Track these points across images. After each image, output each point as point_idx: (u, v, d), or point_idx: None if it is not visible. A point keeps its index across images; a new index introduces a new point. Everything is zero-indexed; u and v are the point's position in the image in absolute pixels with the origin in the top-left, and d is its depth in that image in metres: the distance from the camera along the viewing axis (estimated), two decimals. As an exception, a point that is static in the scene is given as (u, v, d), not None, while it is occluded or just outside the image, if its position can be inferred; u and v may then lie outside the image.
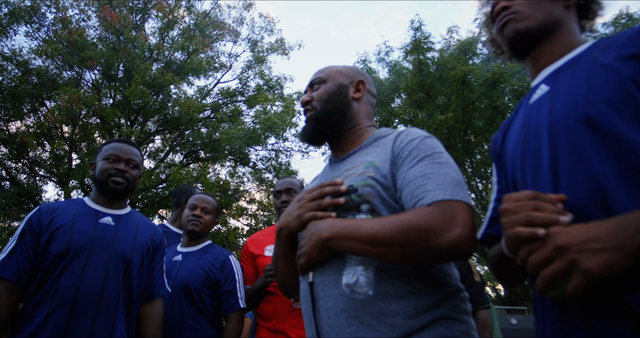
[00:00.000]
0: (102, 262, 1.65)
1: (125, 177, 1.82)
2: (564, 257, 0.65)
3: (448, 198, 0.92)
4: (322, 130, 1.23)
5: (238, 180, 15.49)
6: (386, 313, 0.94)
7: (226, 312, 2.18)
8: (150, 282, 1.85)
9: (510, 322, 8.47)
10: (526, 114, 0.96)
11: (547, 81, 0.94)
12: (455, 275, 1.07)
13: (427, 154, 1.03)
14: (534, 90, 0.97)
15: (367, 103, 1.30)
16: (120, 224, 1.79)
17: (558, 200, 0.75)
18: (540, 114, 0.90)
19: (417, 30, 12.49)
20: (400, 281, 0.97)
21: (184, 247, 2.35)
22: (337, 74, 1.29)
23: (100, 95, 12.47)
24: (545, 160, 0.84)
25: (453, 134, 12.56)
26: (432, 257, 0.89)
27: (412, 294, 0.96)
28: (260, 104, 14.08)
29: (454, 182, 0.97)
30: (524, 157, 0.92)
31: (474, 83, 11.59)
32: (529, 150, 0.91)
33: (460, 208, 0.91)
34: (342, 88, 1.26)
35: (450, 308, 0.98)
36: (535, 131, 0.90)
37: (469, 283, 2.59)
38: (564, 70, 0.91)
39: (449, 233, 0.87)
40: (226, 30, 14.38)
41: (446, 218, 0.89)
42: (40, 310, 1.54)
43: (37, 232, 1.66)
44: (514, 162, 0.97)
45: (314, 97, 1.25)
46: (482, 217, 12.88)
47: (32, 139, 11.66)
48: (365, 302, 0.96)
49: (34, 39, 12.33)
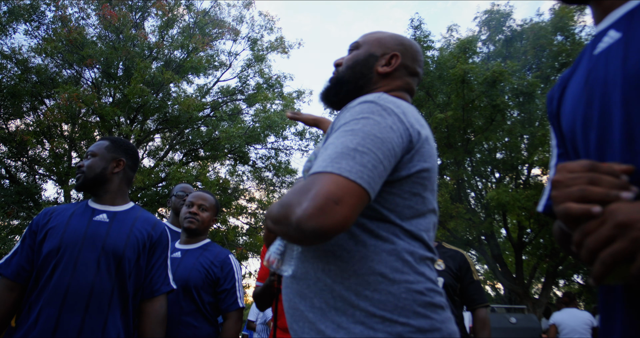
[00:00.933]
0: (92, 258, 1.64)
1: (80, 171, 1.81)
2: (626, 235, 0.55)
3: (319, 170, 0.80)
4: (330, 95, 1.19)
5: (238, 178, 15.50)
6: (305, 295, 0.91)
7: (225, 311, 2.17)
8: (150, 279, 1.81)
9: (510, 321, 8.48)
10: (590, 66, 0.79)
11: (618, 26, 0.76)
12: (393, 262, 0.88)
13: (345, 122, 0.90)
14: (600, 38, 0.79)
15: (398, 79, 1.16)
16: (115, 220, 1.77)
17: (622, 171, 0.62)
18: (610, 66, 0.74)
19: (416, 29, 12.48)
20: (319, 262, 0.91)
21: (182, 244, 2.33)
22: (374, 42, 1.19)
23: (99, 94, 12.46)
24: (617, 122, 0.70)
25: (453, 132, 12.55)
26: (295, 235, 0.79)
27: (328, 277, 0.89)
28: (260, 102, 14.07)
29: (343, 151, 0.82)
30: (586, 119, 0.77)
31: (474, 82, 11.58)
32: (593, 110, 0.75)
33: (323, 180, 0.78)
34: (370, 58, 1.16)
35: (374, 304, 0.84)
36: (603, 87, 0.74)
37: (468, 282, 2.59)
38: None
39: (297, 208, 0.77)
40: (226, 29, 14.35)
41: (301, 192, 0.79)
42: (34, 309, 1.55)
43: (35, 232, 1.70)
44: (573, 124, 0.82)
45: (344, 61, 1.20)
46: (481, 215, 12.91)
47: (31, 137, 11.63)
48: (292, 281, 0.95)
49: (33, 37, 12.33)
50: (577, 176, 0.63)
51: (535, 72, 13.27)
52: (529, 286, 14.42)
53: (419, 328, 0.82)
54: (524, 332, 8.23)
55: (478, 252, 14.94)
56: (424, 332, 0.82)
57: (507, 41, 15.75)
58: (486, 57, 15.81)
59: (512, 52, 15.21)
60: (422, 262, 0.92)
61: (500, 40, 16.11)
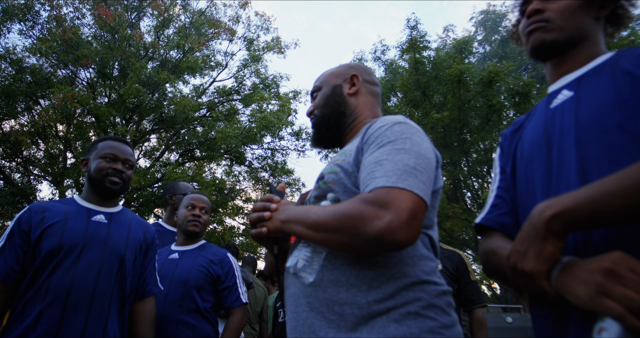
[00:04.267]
0: (95, 259, 1.63)
1: (122, 178, 1.82)
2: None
3: (389, 185, 0.87)
4: (322, 133, 1.27)
5: (234, 179, 15.46)
6: (334, 301, 0.92)
7: (229, 308, 2.18)
8: (143, 280, 1.84)
9: (506, 321, 8.49)
10: (547, 117, 0.96)
11: (570, 87, 0.95)
12: (425, 266, 0.97)
13: (390, 140, 0.98)
14: (555, 95, 0.98)
15: (367, 93, 1.31)
16: (113, 222, 1.78)
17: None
18: (565, 117, 0.90)
19: (413, 29, 12.49)
20: (351, 269, 0.94)
21: (179, 246, 2.33)
22: (330, 76, 1.33)
23: (95, 94, 12.39)
24: (572, 163, 0.85)
25: (449, 132, 12.58)
26: (364, 245, 0.85)
27: (363, 283, 0.92)
28: (256, 102, 14.04)
29: (405, 168, 0.90)
30: (546, 161, 0.92)
31: (470, 82, 11.61)
32: (551, 153, 0.90)
33: (399, 195, 0.85)
34: (336, 88, 1.29)
35: (408, 302, 0.90)
36: (559, 135, 0.90)
37: (465, 282, 2.59)
38: (587, 77, 0.93)
39: (377, 221, 0.82)
40: (222, 29, 14.31)
41: (378, 205, 0.84)
42: (31, 309, 1.52)
43: (27, 231, 1.64)
44: (529, 163, 0.97)
45: (315, 105, 1.31)
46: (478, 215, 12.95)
47: (26, 137, 11.56)
48: (316, 288, 0.96)
49: (27, 37, 12.23)
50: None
51: (531, 73, 13.33)
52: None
53: (444, 324, 0.91)
54: (520, 332, 8.25)
55: (474, 252, 14.98)
56: (447, 328, 0.91)
57: (503, 41, 15.82)
58: (482, 57, 15.87)
59: (508, 52, 15.27)
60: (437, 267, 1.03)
61: (496, 40, 16.18)
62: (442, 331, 0.89)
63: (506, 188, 1.07)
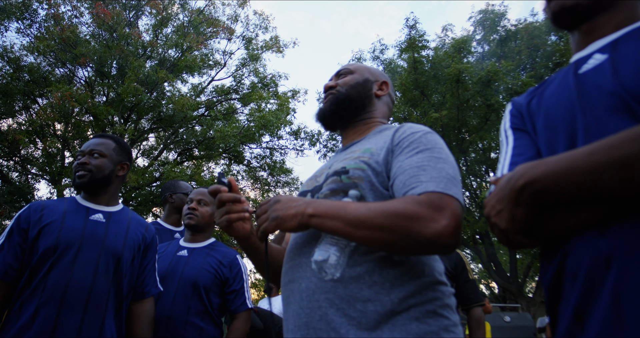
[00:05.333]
0: (92, 258, 1.63)
1: (86, 169, 1.76)
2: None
3: (439, 190, 0.90)
4: (339, 110, 1.27)
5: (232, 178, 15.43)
6: (357, 298, 0.92)
7: (234, 312, 2.16)
8: (142, 281, 1.83)
9: (504, 320, 8.52)
10: (578, 82, 0.88)
11: (603, 50, 0.87)
12: (437, 267, 1.02)
13: (427, 147, 1.02)
14: (584, 61, 0.90)
15: (386, 104, 1.35)
16: (112, 221, 1.77)
17: None
18: (602, 81, 0.82)
19: (412, 28, 12.49)
20: (375, 266, 0.95)
21: (188, 242, 2.31)
22: (365, 70, 1.35)
23: (93, 93, 12.36)
24: (611, 128, 0.76)
25: (447, 132, 12.59)
26: (413, 245, 0.86)
27: (387, 281, 0.93)
28: (254, 101, 14.02)
29: (449, 177, 0.95)
30: (575, 127, 0.83)
31: (469, 81, 11.62)
32: (587, 118, 0.82)
33: (450, 202, 0.89)
34: (367, 82, 1.31)
35: (428, 300, 0.93)
36: (597, 99, 0.82)
37: (463, 281, 2.59)
38: (625, 39, 0.85)
39: (434, 224, 0.85)
40: (220, 28, 14.29)
41: (433, 208, 0.87)
42: (27, 307, 1.52)
43: (25, 229, 1.64)
44: (552, 130, 0.89)
45: (339, 83, 1.30)
46: (476, 215, 12.94)
47: (23, 136, 11.51)
48: (337, 284, 0.94)
49: (25, 35, 12.20)
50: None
51: (530, 72, 13.32)
52: (523, 285, 14.50)
53: (455, 322, 0.95)
54: (518, 331, 8.28)
55: (473, 251, 15.01)
56: (456, 326, 0.95)
57: (501, 41, 15.83)
58: (481, 56, 15.89)
59: (507, 52, 15.28)
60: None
61: (494, 40, 16.19)
62: (454, 330, 0.93)
63: (525, 144, 0.96)
